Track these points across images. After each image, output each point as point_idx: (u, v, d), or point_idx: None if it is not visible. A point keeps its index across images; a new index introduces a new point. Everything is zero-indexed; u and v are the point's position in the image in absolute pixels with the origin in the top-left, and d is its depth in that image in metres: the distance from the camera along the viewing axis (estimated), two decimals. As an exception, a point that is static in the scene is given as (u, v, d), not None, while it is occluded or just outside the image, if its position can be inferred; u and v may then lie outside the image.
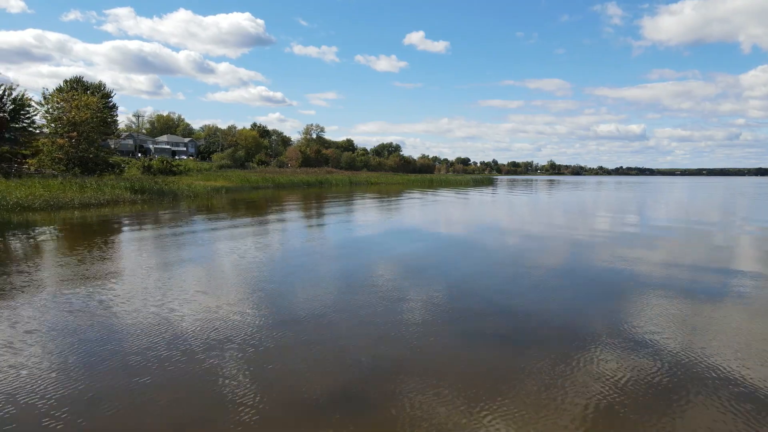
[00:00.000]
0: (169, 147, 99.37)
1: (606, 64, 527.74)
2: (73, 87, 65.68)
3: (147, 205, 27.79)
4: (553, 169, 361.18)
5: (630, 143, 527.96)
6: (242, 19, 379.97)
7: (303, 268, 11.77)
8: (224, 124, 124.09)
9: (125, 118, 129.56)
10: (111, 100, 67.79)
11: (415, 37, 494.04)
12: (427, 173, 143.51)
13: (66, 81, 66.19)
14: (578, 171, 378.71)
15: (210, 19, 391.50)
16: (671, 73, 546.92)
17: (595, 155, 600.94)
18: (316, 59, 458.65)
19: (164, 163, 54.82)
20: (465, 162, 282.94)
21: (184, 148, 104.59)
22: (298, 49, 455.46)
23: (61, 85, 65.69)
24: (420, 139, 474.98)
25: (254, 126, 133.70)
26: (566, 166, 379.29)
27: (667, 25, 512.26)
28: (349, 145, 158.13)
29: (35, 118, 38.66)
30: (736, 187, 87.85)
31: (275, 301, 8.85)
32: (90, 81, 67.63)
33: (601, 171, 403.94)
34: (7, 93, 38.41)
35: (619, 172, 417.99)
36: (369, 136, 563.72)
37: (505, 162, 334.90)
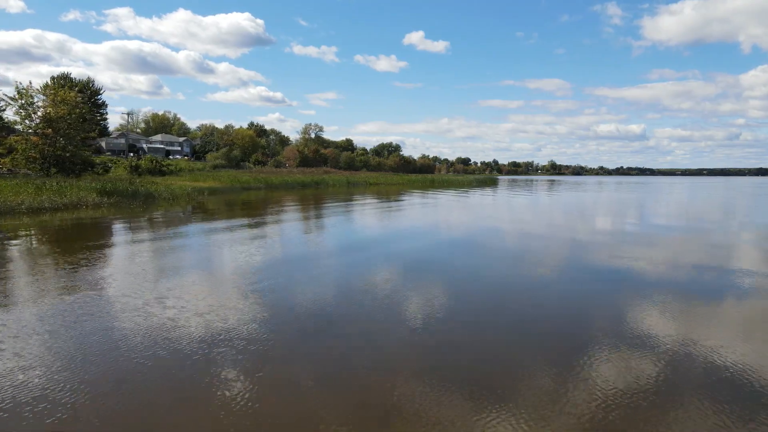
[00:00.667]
0: (163, 146, 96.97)
1: (606, 64, 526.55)
2: (61, 84, 63.45)
3: (112, 209, 24.40)
4: (553, 169, 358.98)
5: (630, 143, 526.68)
6: (242, 19, 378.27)
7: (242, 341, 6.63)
8: (222, 124, 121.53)
9: (119, 116, 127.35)
10: (100, 97, 65.57)
11: (415, 37, 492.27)
12: (427, 173, 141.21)
13: (53, 78, 63.86)
14: (579, 171, 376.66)
15: (209, 19, 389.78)
16: (671, 73, 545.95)
17: (595, 155, 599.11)
18: (316, 59, 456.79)
19: (153, 162, 52.42)
20: (465, 162, 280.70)
21: (179, 148, 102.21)
22: (298, 49, 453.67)
23: (48, 82, 63.47)
24: (420, 139, 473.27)
25: (251, 125, 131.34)
26: (567, 166, 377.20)
27: (667, 25, 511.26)
28: (348, 145, 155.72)
29: (3, 114, 35.95)
30: (740, 188, 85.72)
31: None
32: (78, 78, 65.31)
33: (602, 171, 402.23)
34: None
35: (619, 172, 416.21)
36: (369, 136, 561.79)
37: (505, 162, 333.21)
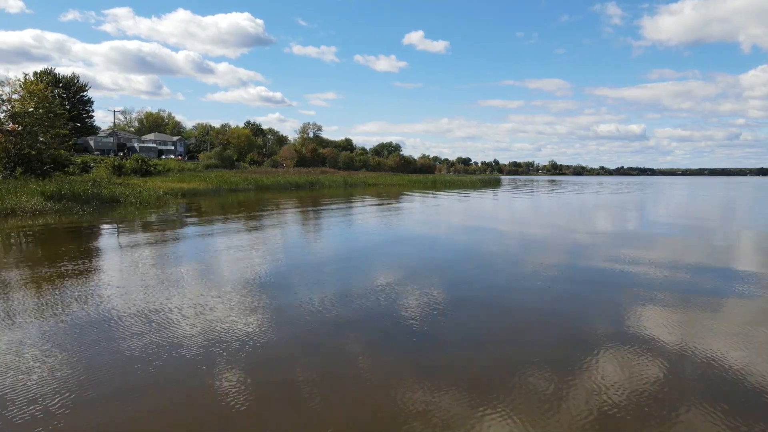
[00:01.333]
0: (155, 146, 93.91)
1: (606, 64, 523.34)
2: (43, 80, 60.41)
3: (59, 217, 20.29)
4: (554, 169, 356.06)
5: (630, 143, 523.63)
6: (241, 19, 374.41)
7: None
8: (222, 125, 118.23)
9: (112, 115, 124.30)
10: (86, 94, 62.54)
11: (415, 37, 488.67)
12: (427, 173, 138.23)
13: (36, 73, 60.87)
14: (580, 171, 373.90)
15: (209, 19, 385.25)
16: (671, 73, 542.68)
17: (595, 155, 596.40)
18: (316, 59, 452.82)
19: (140, 162, 49.39)
20: (466, 162, 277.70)
21: (172, 147, 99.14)
22: (298, 49, 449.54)
23: (30, 78, 60.38)
24: (420, 139, 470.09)
25: (248, 124, 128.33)
26: (567, 166, 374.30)
27: (667, 25, 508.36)
28: (347, 145, 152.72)
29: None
30: (745, 188, 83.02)
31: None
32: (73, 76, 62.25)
33: (603, 171, 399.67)
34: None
35: (620, 172, 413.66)
36: (369, 136, 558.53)
37: (506, 162, 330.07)
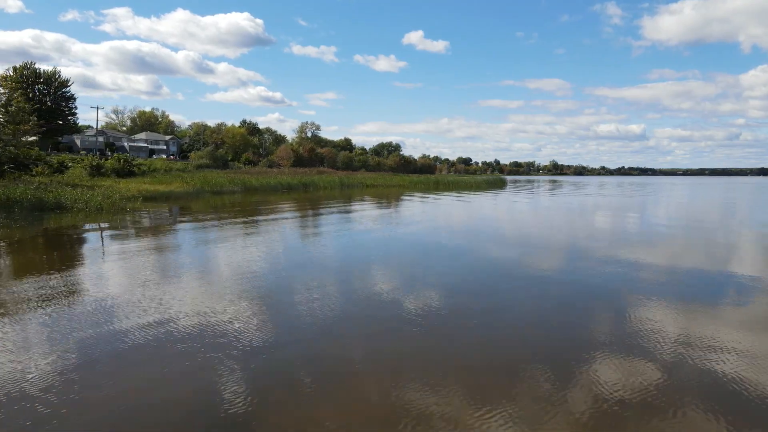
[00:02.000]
0: (146, 145, 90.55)
1: (606, 64, 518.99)
2: (24, 74, 57.13)
3: None
4: (555, 169, 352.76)
5: (630, 143, 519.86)
6: (241, 19, 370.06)
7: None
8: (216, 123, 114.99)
9: (104, 114, 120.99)
10: (68, 90, 59.17)
11: (414, 37, 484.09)
12: (427, 173, 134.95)
13: (15, 68, 57.51)
14: (581, 171, 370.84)
15: (208, 19, 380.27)
16: (671, 73, 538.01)
17: (595, 155, 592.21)
18: (316, 59, 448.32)
19: (121, 161, 46.06)
20: (467, 162, 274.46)
21: (164, 147, 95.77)
22: (297, 49, 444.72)
23: (10, 73, 57.10)
24: (420, 139, 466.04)
25: (244, 123, 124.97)
26: (568, 166, 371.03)
27: (667, 25, 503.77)
28: (346, 145, 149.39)
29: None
30: (752, 189, 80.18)
31: None
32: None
33: (604, 171, 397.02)
34: None
35: (621, 172, 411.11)
36: (369, 136, 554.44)
37: (506, 162, 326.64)
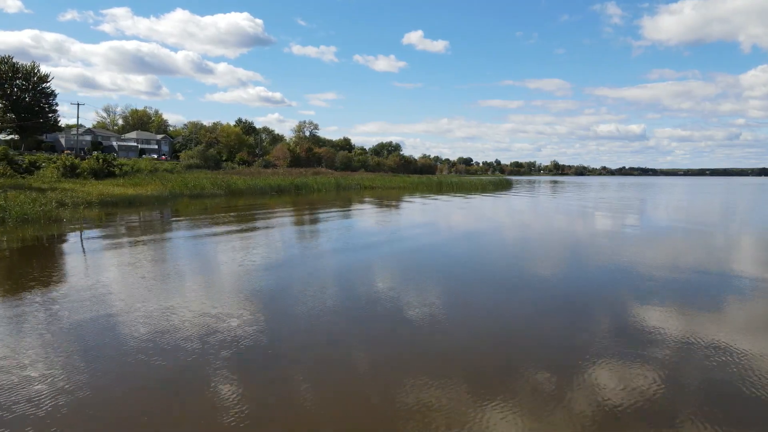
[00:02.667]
0: (136, 144, 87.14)
1: (606, 64, 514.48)
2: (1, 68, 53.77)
3: None
4: (556, 169, 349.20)
5: (630, 143, 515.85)
6: (240, 19, 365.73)
7: None
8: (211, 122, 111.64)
9: (95, 112, 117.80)
10: (48, 86, 55.76)
11: (414, 37, 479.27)
12: (428, 174, 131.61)
13: (-8, 61, 54.07)
14: (582, 171, 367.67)
15: (208, 19, 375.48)
16: (671, 73, 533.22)
17: (595, 155, 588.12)
18: (315, 59, 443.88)
19: (100, 161, 42.67)
20: (467, 162, 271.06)
21: (156, 146, 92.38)
22: (297, 49, 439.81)
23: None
24: (420, 139, 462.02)
25: (239, 122, 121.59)
26: (569, 166, 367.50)
27: (667, 24, 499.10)
28: (345, 144, 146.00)
29: None
30: (759, 190, 77.15)
31: None
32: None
33: (605, 171, 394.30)
34: None
35: (622, 172, 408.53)
36: (368, 136, 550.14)
37: (507, 162, 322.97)
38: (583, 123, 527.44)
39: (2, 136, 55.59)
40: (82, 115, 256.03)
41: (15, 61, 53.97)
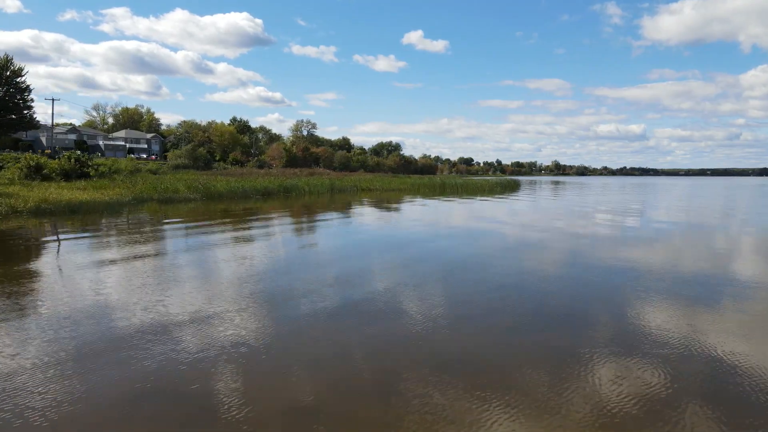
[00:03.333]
0: (125, 144, 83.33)
1: (606, 64, 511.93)
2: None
3: None
4: (557, 169, 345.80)
5: (630, 143, 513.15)
6: (240, 19, 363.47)
7: None
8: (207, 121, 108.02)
9: (84, 111, 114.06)
10: (22, 80, 51.89)
11: (414, 37, 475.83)
12: (428, 174, 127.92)
13: (-40, 54, 50.22)
14: (583, 171, 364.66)
15: (207, 19, 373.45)
16: (671, 73, 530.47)
17: (595, 155, 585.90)
18: (315, 59, 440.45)
19: (72, 161, 38.86)
20: (468, 162, 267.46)
21: (146, 146, 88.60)
22: (297, 49, 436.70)
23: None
24: (420, 139, 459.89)
25: (233, 121, 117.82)
26: (570, 166, 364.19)
27: (667, 24, 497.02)
28: (344, 144, 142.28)
29: None
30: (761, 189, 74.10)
31: None
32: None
33: (606, 171, 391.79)
34: None
35: (623, 172, 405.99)
36: (368, 136, 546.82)
37: (508, 162, 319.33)
38: (583, 123, 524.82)
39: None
40: (73, 114, 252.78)
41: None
